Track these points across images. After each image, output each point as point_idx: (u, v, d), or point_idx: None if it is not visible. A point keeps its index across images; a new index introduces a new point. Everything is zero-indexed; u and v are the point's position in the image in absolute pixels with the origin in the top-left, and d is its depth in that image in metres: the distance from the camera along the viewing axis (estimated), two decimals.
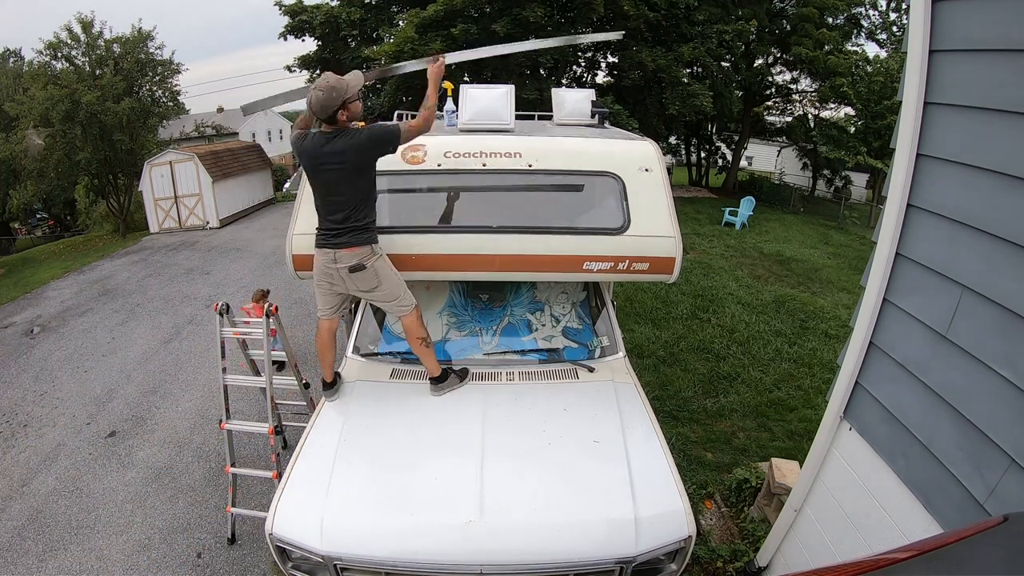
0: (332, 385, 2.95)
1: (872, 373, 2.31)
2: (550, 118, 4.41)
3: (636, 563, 2.18)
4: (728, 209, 14.71)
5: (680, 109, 15.08)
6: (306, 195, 3.06)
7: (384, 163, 2.78)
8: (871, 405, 2.29)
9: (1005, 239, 1.66)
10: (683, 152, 25.16)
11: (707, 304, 8.03)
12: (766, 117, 21.77)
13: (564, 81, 16.46)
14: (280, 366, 4.58)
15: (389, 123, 2.66)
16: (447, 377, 2.93)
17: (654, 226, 2.99)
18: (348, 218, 2.64)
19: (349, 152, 2.55)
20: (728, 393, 5.46)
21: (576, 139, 3.27)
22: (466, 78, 14.60)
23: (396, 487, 2.36)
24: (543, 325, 3.37)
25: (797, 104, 20.27)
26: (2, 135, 15.45)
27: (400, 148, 2.82)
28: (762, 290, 8.97)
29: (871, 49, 22.58)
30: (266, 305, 3.34)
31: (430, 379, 2.93)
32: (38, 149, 14.50)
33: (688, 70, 16.08)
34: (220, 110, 33.43)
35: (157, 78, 16.03)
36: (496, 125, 3.52)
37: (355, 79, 2.62)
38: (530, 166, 3.03)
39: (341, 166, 2.56)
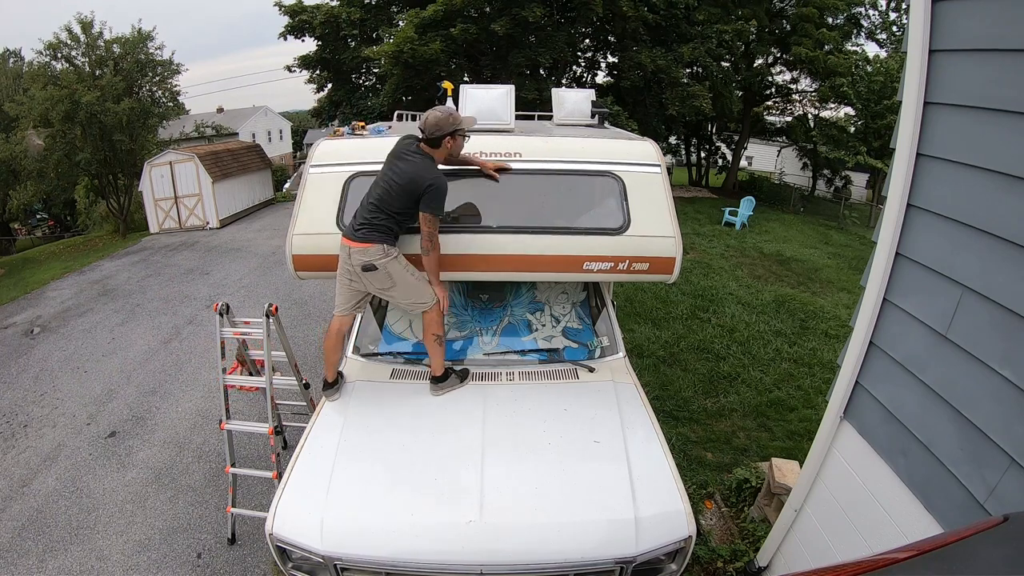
0: (333, 385, 2.95)
1: (872, 373, 2.31)
2: (550, 118, 4.41)
3: (636, 563, 2.18)
4: (728, 209, 14.72)
5: (680, 110, 15.09)
6: (307, 196, 3.07)
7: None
8: (871, 405, 2.29)
9: (1005, 239, 1.66)
10: (683, 152, 25.17)
11: (707, 304, 8.03)
12: (766, 117, 21.77)
13: (564, 81, 16.47)
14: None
15: (441, 205, 2.74)
16: (448, 377, 2.93)
17: (654, 226, 2.98)
18: (375, 219, 2.71)
19: (415, 174, 2.67)
20: (728, 393, 5.46)
21: (576, 139, 3.26)
22: (466, 78, 14.62)
23: (396, 487, 2.37)
24: (543, 325, 3.37)
25: (797, 104, 20.27)
26: (2, 135, 15.45)
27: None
28: (762, 290, 8.97)
29: (871, 49, 22.56)
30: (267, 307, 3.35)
31: (431, 378, 2.93)
32: (38, 149, 14.50)
33: (688, 70, 16.08)
34: (220, 110, 33.51)
35: (157, 78, 16.03)
36: (496, 125, 3.53)
37: (468, 122, 2.83)
38: (530, 166, 3.03)
39: (400, 180, 2.68)
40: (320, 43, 15.83)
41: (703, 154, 24.43)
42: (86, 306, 8.67)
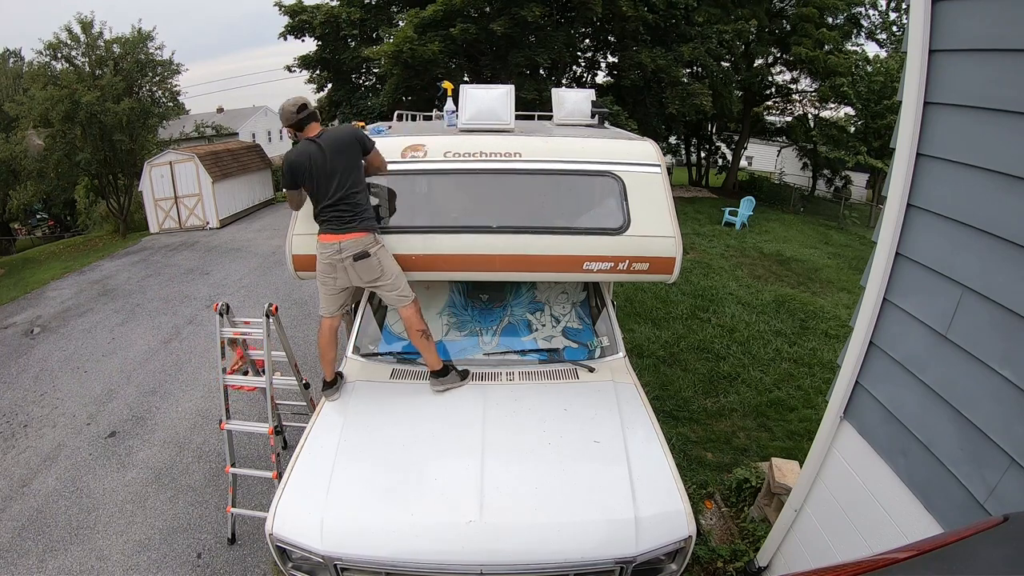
0: (333, 384, 2.95)
1: (872, 373, 2.31)
2: (550, 118, 4.40)
3: (636, 563, 2.18)
4: (728, 209, 14.71)
5: (680, 109, 15.08)
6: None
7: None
8: (871, 405, 2.29)
9: (1005, 239, 1.66)
10: (683, 152, 25.15)
11: (707, 304, 8.03)
12: (766, 117, 21.75)
13: (564, 81, 16.45)
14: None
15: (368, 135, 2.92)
16: (448, 372, 2.94)
17: (654, 226, 2.98)
18: (350, 205, 2.75)
19: (345, 143, 2.77)
20: (728, 393, 5.46)
21: (576, 139, 3.26)
22: (466, 78, 14.62)
23: (396, 487, 2.36)
24: (543, 325, 3.37)
25: (797, 104, 20.25)
26: (2, 135, 15.44)
27: (401, 147, 3.03)
28: (762, 290, 8.97)
29: (871, 49, 22.55)
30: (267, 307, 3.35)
31: (431, 373, 2.93)
32: (38, 149, 14.49)
33: (688, 70, 16.07)
34: (220, 110, 33.51)
35: (157, 78, 16.03)
36: (496, 125, 3.52)
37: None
38: (530, 166, 3.04)
39: (338, 157, 2.74)
40: (320, 43, 15.82)
41: (703, 154, 24.41)
42: (86, 306, 8.67)
